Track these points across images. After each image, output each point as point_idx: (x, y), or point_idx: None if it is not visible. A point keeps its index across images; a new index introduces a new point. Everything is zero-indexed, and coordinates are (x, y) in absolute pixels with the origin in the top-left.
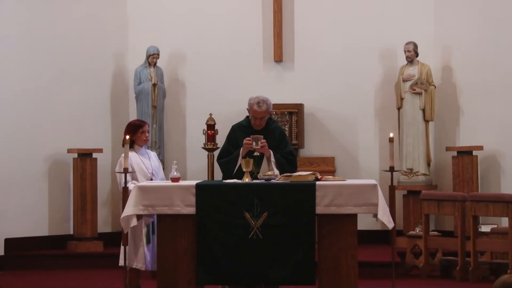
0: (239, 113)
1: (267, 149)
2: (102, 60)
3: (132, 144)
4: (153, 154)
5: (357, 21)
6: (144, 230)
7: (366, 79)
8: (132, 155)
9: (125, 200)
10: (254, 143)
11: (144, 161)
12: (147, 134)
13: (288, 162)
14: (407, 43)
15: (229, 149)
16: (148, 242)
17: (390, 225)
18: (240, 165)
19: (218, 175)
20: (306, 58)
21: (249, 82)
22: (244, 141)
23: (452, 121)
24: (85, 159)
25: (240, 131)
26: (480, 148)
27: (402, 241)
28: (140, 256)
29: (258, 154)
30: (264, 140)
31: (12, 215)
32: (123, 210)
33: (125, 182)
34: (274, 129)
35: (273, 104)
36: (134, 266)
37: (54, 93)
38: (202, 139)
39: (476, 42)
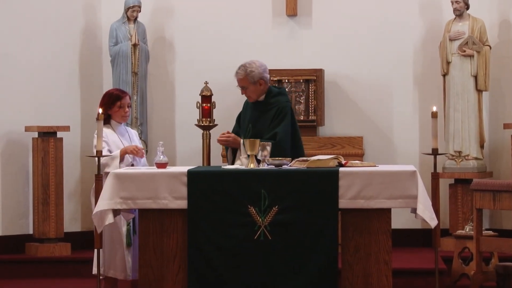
0: None
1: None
2: (68, 14)
3: (108, 119)
4: (134, 133)
5: None
6: (123, 229)
7: (402, 38)
8: (108, 132)
9: (98, 191)
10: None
11: (123, 142)
12: (126, 109)
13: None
14: None
15: (236, 129)
16: (129, 244)
17: (432, 222)
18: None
19: (215, 159)
20: (327, 11)
21: (254, 42)
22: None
23: None
24: (47, 139)
25: (245, 104)
26: None
27: (448, 242)
28: (119, 262)
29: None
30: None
31: None
32: (96, 203)
33: (99, 169)
34: (272, 103)
35: (285, 70)
36: (110, 275)
37: (8, 56)
38: (196, 114)
39: None
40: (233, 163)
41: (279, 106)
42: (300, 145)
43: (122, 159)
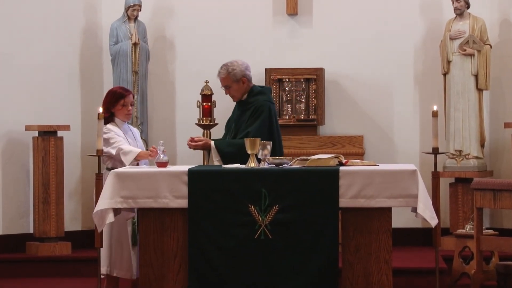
0: None
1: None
2: (68, 14)
3: (112, 117)
4: (136, 131)
5: None
6: (129, 229)
7: (403, 37)
8: (116, 130)
9: (99, 190)
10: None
11: (128, 140)
12: (129, 108)
13: (229, 143)
14: None
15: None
16: (134, 243)
17: (433, 221)
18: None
19: None
20: (328, 10)
21: (255, 41)
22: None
23: None
24: (48, 138)
25: (234, 106)
26: None
27: (449, 242)
28: (126, 261)
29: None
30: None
31: None
32: (96, 202)
33: (99, 168)
34: (251, 102)
35: (286, 69)
36: (116, 274)
37: (8, 55)
38: (196, 113)
39: None
40: None
41: (256, 105)
42: (278, 145)
43: (137, 159)
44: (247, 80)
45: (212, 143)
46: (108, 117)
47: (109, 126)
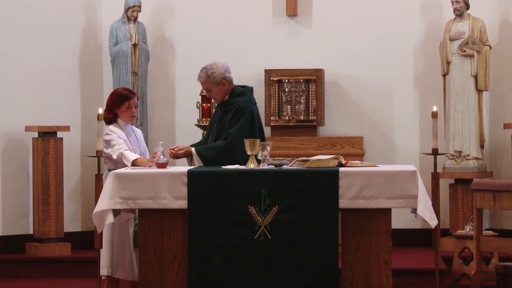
0: (242, 82)
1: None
2: (68, 14)
3: (115, 118)
4: (139, 132)
5: None
6: (131, 230)
7: (403, 38)
8: (118, 132)
9: (98, 191)
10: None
11: (131, 141)
12: (133, 110)
13: (209, 148)
14: None
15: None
16: (136, 245)
17: (433, 222)
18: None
19: None
20: (327, 11)
21: (254, 42)
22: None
23: None
24: (47, 139)
25: (216, 107)
26: None
27: (448, 242)
28: (128, 263)
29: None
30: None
31: None
32: (96, 203)
33: (99, 169)
34: (232, 104)
35: (286, 70)
36: (118, 276)
37: (8, 56)
38: (196, 114)
39: None
40: None
41: (237, 107)
42: None
43: (135, 165)
44: (227, 82)
45: (193, 150)
46: (112, 118)
47: (111, 127)
